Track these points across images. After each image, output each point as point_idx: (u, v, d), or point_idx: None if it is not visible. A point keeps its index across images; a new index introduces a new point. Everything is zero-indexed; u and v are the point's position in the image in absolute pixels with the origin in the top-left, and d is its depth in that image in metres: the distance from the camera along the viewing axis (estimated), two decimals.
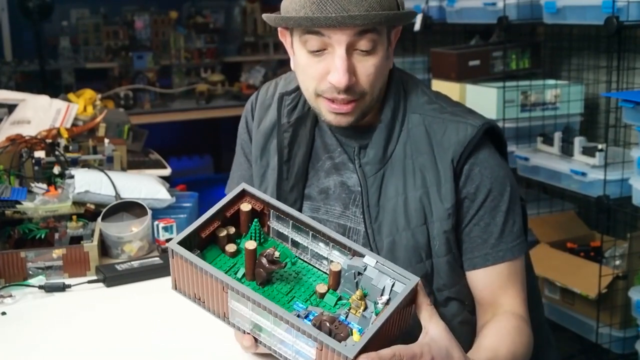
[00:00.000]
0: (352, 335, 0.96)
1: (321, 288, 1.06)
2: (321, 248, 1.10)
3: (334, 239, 1.07)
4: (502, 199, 1.30)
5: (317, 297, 1.06)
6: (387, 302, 1.01)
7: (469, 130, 1.29)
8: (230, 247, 1.09)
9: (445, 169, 1.28)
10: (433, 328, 1.02)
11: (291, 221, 1.11)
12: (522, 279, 1.33)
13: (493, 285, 1.31)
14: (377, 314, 1.00)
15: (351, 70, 1.22)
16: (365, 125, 1.34)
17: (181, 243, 1.05)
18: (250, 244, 1.03)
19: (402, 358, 0.95)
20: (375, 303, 1.02)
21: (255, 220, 1.11)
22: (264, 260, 1.03)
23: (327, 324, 0.97)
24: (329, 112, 1.28)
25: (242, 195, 1.13)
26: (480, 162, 1.29)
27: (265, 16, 1.29)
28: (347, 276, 1.06)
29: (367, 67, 1.24)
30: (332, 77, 1.22)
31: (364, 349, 0.93)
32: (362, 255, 1.05)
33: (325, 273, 1.10)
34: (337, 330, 0.97)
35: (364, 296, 1.02)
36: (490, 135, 1.33)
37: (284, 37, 1.33)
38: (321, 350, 0.94)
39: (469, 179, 1.29)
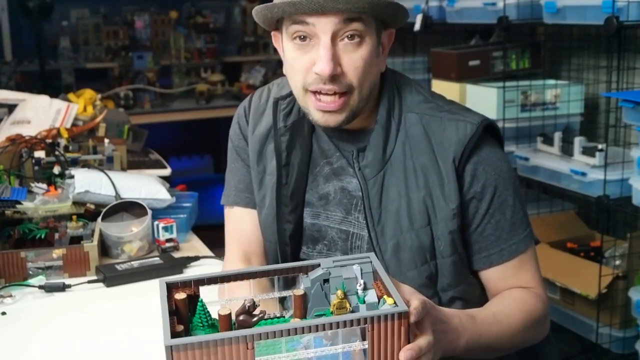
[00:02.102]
0: (385, 302, 0.96)
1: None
2: (267, 291, 1.07)
3: (280, 269, 1.05)
4: (509, 193, 1.31)
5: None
6: (365, 287, 1.01)
7: (468, 128, 1.28)
8: None
9: (447, 169, 1.28)
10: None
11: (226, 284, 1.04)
12: (535, 263, 1.36)
13: (509, 278, 1.33)
14: (362, 302, 0.99)
15: (336, 60, 1.22)
16: (361, 128, 1.34)
17: (173, 336, 0.92)
18: (224, 310, 0.96)
19: (426, 304, 1.01)
20: (356, 292, 1.01)
21: (200, 299, 1.02)
22: (243, 317, 0.96)
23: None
24: (316, 111, 1.27)
25: (170, 289, 1.03)
26: (484, 160, 1.29)
27: (254, 11, 1.29)
28: (314, 293, 1.02)
29: (354, 59, 1.23)
30: (317, 66, 1.22)
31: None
32: (317, 265, 1.04)
33: (282, 316, 1.05)
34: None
35: (345, 294, 1.00)
36: (489, 131, 1.34)
37: (276, 40, 1.34)
38: (372, 330, 0.92)
39: (475, 178, 1.29)
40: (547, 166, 2.69)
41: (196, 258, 1.77)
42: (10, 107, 2.66)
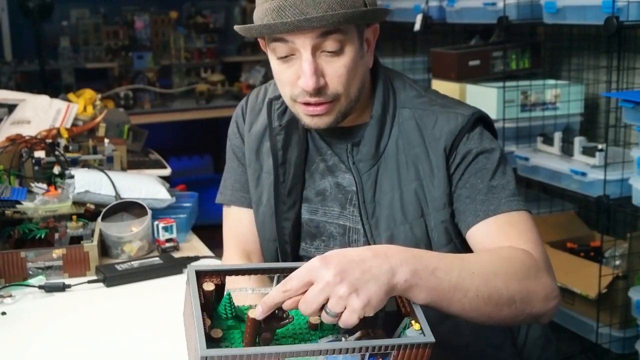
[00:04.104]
0: (411, 326, 0.96)
1: (314, 320, 1.01)
2: None
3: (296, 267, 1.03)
4: (489, 161, 1.29)
5: (316, 330, 1.02)
6: None
7: (459, 119, 1.30)
8: (216, 333, 0.97)
9: (437, 159, 1.29)
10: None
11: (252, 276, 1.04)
12: (529, 229, 1.23)
13: (491, 237, 1.23)
14: None
15: (319, 73, 1.22)
16: (355, 124, 1.35)
17: (209, 347, 0.91)
18: (253, 312, 0.96)
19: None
20: None
21: (228, 292, 1.02)
22: (272, 321, 0.97)
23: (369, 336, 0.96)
24: (305, 116, 1.28)
25: (199, 277, 1.02)
26: (470, 140, 1.30)
27: (235, 27, 1.30)
28: None
29: (336, 68, 1.24)
30: (301, 81, 1.23)
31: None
32: None
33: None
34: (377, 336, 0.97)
35: None
36: (483, 124, 1.35)
37: (264, 46, 1.34)
38: (397, 357, 0.93)
39: (458, 153, 1.30)
40: (547, 166, 2.69)
41: (196, 258, 1.77)
42: (10, 107, 2.65)
